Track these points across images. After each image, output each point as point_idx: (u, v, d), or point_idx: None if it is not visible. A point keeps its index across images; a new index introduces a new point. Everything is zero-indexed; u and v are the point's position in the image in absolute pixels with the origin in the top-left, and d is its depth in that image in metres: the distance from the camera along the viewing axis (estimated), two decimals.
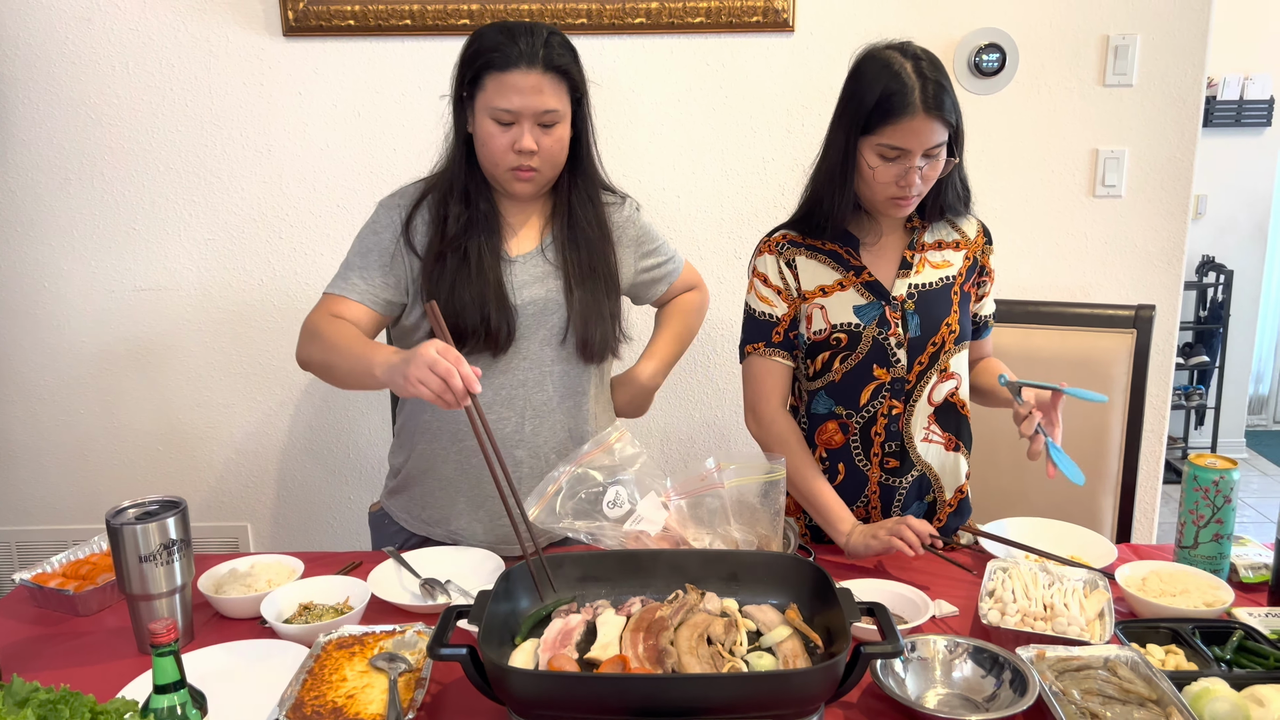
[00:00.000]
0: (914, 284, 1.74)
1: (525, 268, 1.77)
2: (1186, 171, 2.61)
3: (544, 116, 1.65)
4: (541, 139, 1.67)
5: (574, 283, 1.78)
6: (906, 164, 1.61)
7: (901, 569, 1.66)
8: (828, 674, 1.15)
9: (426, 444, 1.84)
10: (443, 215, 1.74)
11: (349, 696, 1.27)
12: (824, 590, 1.32)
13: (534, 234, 1.81)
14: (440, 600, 1.57)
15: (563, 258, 1.79)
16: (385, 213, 1.78)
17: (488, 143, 1.67)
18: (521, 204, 1.80)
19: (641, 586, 1.42)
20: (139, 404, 2.78)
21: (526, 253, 1.78)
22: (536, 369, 1.78)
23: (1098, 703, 1.23)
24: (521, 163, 1.68)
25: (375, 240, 1.76)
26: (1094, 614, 1.43)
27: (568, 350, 1.81)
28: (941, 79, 1.60)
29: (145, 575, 1.43)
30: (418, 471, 1.86)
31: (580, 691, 1.14)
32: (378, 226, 1.77)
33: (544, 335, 1.78)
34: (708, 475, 1.59)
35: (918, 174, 1.61)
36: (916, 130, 1.58)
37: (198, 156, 2.64)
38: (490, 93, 1.64)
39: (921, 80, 1.58)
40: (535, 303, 1.76)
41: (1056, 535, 1.75)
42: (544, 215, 1.82)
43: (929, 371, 1.74)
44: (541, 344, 1.78)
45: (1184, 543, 1.60)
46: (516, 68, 1.62)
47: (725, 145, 2.63)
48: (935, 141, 1.60)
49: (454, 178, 1.75)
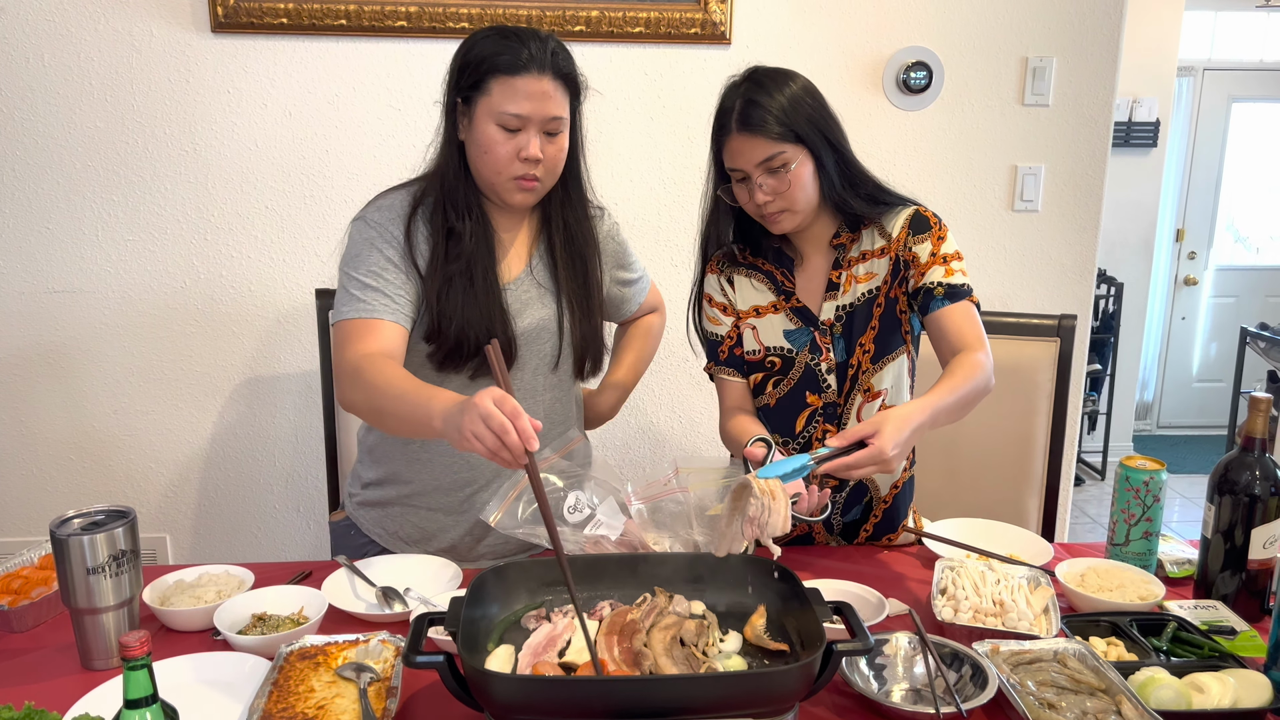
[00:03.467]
0: (841, 305, 1.73)
1: (518, 292, 1.73)
2: (1097, 188, 2.75)
3: (550, 124, 1.61)
4: (546, 147, 1.61)
5: (568, 304, 1.75)
6: (750, 184, 1.63)
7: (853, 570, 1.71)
8: (804, 673, 1.17)
9: (416, 472, 1.78)
10: (445, 227, 1.65)
11: (319, 707, 1.24)
12: (792, 590, 1.35)
13: (522, 254, 1.76)
14: (397, 609, 1.55)
15: (555, 278, 1.75)
16: (378, 228, 1.65)
17: (491, 149, 1.60)
18: (512, 219, 1.74)
19: (608, 591, 1.43)
20: (52, 410, 2.67)
21: (517, 276, 1.74)
22: (530, 397, 1.76)
23: (1052, 693, 1.29)
24: (526, 171, 1.61)
25: (382, 257, 1.64)
26: (1040, 609, 1.49)
27: (560, 375, 1.80)
28: (758, 95, 1.58)
29: (92, 588, 1.37)
30: (401, 493, 1.80)
31: (565, 695, 1.14)
32: (378, 242, 1.64)
33: (536, 363, 1.76)
34: (669, 480, 1.60)
35: (760, 191, 1.62)
36: (737, 150, 1.62)
37: (118, 154, 2.54)
38: (497, 97, 1.57)
39: (734, 99, 1.62)
40: (530, 330, 1.73)
41: (992, 535, 1.82)
42: (531, 232, 1.77)
43: (853, 394, 1.76)
44: (534, 371, 1.76)
45: (1116, 540, 1.69)
46: (527, 72, 1.57)
47: (663, 155, 2.66)
48: (762, 157, 1.59)
49: (451, 187, 1.66)
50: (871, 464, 1.40)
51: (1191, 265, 6.09)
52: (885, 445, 1.38)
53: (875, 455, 1.39)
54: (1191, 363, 6.25)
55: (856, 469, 1.41)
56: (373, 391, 1.51)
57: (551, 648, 1.30)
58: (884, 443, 1.38)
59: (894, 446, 1.38)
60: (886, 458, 1.38)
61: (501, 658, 1.29)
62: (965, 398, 1.53)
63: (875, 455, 1.39)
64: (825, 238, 1.74)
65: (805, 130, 1.60)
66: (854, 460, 1.40)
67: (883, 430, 1.39)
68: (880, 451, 1.38)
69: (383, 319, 1.61)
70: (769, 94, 1.59)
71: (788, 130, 1.59)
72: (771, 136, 1.58)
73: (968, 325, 1.64)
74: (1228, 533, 1.54)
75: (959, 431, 2.18)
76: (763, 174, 1.61)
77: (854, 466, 1.40)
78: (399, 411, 1.47)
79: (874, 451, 1.39)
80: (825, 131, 1.62)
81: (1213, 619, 1.49)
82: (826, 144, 1.62)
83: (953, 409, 1.52)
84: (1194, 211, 6.02)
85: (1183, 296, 6.13)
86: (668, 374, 2.77)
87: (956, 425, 2.10)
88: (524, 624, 1.38)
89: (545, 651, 1.29)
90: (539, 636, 1.33)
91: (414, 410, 1.43)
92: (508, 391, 1.30)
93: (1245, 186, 6.05)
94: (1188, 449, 5.94)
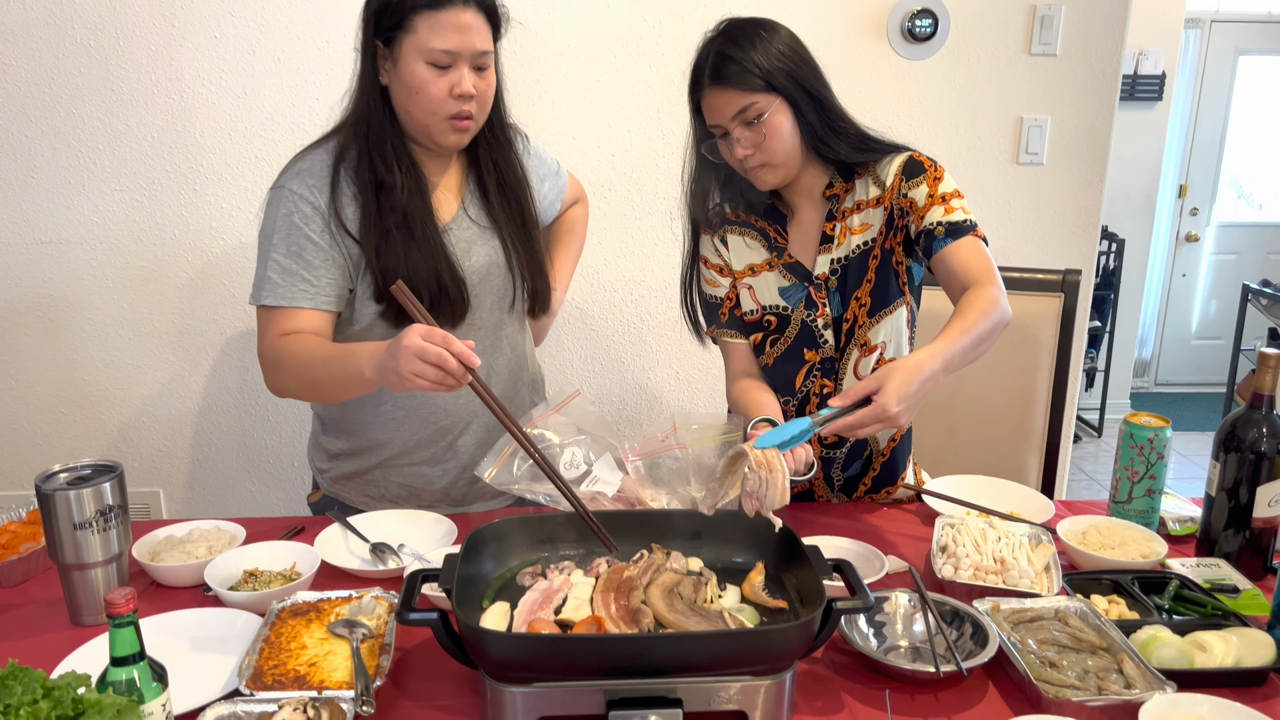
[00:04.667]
0: (836, 259, 1.69)
1: (459, 233, 1.69)
2: (1104, 141, 2.70)
3: (480, 58, 1.55)
4: (476, 83, 1.56)
5: (511, 240, 1.72)
6: (730, 138, 1.59)
7: (852, 527, 1.69)
8: (804, 630, 1.16)
9: (389, 431, 1.75)
10: (375, 182, 1.59)
11: (311, 664, 1.23)
12: (791, 548, 1.33)
13: (453, 194, 1.71)
14: (391, 565, 1.53)
15: (492, 215, 1.72)
16: (298, 200, 1.58)
17: (423, 89, 1.53)
18: (440, 163, 1.69)
19: (605, 547, 1.41)
20: (42, 364, 2.63)
21: (454, 216, 1.70)
22: (490, 336, 1.74)
23: (1053, 652, 1.28)
24: (460, 109, 1.56)
25: (302, 235, 1.57)
26: (1041, 567, 1.48)
27: (515, 312, 1.77)
28: (729, 48, 1.54)
29: (80, 544, 1.35)
30: (381, 457, 1.77)
31: (560, 652, 1.13)
32: (297, 218, 1.57)
33: (491, 301, 1.73)
34: (667, 436, 1.58)
35: (739, 145, 1.58)
36: (711, 104, 1.58)
37: (103, 103, 2.48)
38: (424, 34, 1.51)
39: (707, 53, 1.57)
40: (479, 270, 1.70)
41: (993, 492, 1.80)
42: (459, 172, 1.73)
43: (849, 348, 1.73)
44: (491, 309, 1.74)
45: (1118, 497, 1.67)
46: (453, 5, 1.51)
47: (661, 106, 2.60)
48: (736, 109, 1.54)
49: (376, 137, 1.59)
50: (876, 422, 1.35)
51: (1193, 221, 6.04)
52: (889, 401, 1.33)
53: (879, 412, 1.34)
54: (1191, 320, 6.22)
55: (860, 428, 1.36)
56: (296, 367, 1.52)
57: (547, 604, 1.28)
58: (888, 399, 1.33)
59: (899, 402, 1.34)
60: (891, 414, 1.34)
61: (496, 615, 1.27)
62: (980, 336, 1.45)
63: (879, 412, 1.34)
64: (817, 189, 1.69)
65: (780, 80, 1.55)
66: (857, 419, 1.35)
67: (886, 385, 1.35)
68: (884, 408, 1.34)
69: (301, 307, 1.58)
70: (739, 46, 1.54)
71: (760, 80, 1.54)
72: (744, 88, 1.54)
73: (975, 259, 1.57)
74: (1232, 490, 1.52)
75: (959, 388, 2.16)
76: (739, 127, 1.56)
77: (858, 426, 1.36)
78: (329, 376, 1.48)
79: (877, 409, 1.34)
80: (802, 80, 1.57)
81: (1215, 577, 1.47)
82: (804, 92, 1.57)
83: (967, 350, 1.44)
84: (1197, 167, 5.95)
85: (1184, 253, 6.09)
86: (665, 331, 2.74)
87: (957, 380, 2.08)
88: (519, 581, 1.36)
89: (541, 609, 1.27)
90: (534, 593, 1.31)
91: (343, 370, 1.44)
92: (428, 323, 1.33)
93: (1250, 142, 5.98)
94: (1185, 406, 5.93)
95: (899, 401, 1.34)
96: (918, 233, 1.63)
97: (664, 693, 1.12)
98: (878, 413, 1.34)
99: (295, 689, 1.17)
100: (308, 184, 1.59)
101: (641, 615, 1.24)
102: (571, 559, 1.40)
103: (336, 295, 1.61)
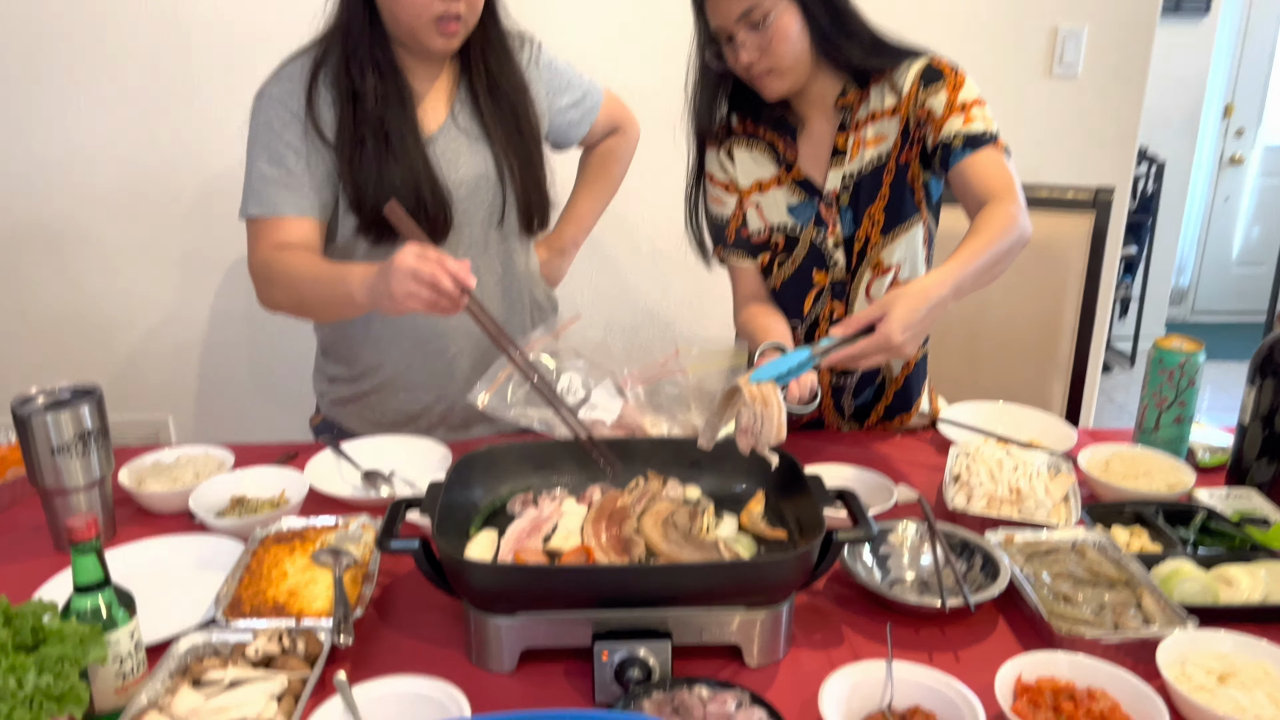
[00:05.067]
0: (848, 173, 1.58)
1: (445, 143, 1.61)
2: (1144, 54, 2.55)
3: None
4: None
5: (504, 151, 1.63)
6: (734, 43, 1.48)
7: (863, 455, 1.63)
8: (801, 562, 1.10)
9: (383, 354, 1.70)
10: (350, 90, 1.52)
11: (290, 593, 1.19)
12: (792, 477, 1.27)
13: (441, 103, 1.63)
14: (384, 492, 1.48)
15: (484, 124, 1.63)
16: (277, 106, 1.53)
17: None
18: (428, 68, 1.60)
19: (600, 475, 1.35)
20: (47, 288, 2.60)
21: (441, 125, 1.61)
22: (480, 253, 1.66)
23: (1068, 585, 1.21)
24: (447, 9, 1.46)
25: (281, 141, 1.52)
26: (1059, 498, 1.41)
27: (507, 228, 1.69)
28: None
29: (59, 468, 1.32)
30: (376, 381, 1.73)
31: (545, 583, 1.08)
32: (276, 124, 1.52)
33: (482, 216, 1.66)
34: (667, 361, 1.51)
35: (744, 50, 1.47)
36: (715, 6, 1.47)
37: (99, 20, 2.40)
38: None
39: None
40: (467, 182, 1.62)
41: (1013, 419, 1.72)
42: (450, 78, 1.63)
43: (861, 269, 1.64)
44: (481, 225, 1.66)
45: (1145, 426, 1.58)
46: None
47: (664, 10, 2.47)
48: (740, 10, 1.44)
49: (355, 40, 1.51)
50: (879, 352, 1.26)
51: (1239, 143, 5.78)
52: (892, 330, 1.24)
53: (882, 342, 1.25)
54: (1232, 246, 6.00)
55: (863, 358, 1.27)
56: (287, 285, 1.47)
57: (536, 533, 1.23)
58: (891, 327, 1.24)
59: (903, 330, 1.24)
60: (895, 344, 1.24)
61: (483, 543, 1.22)
62: (994, 257, 1.35)
63: (882, 342, 1.25)
64: (829, 99, 1.58)
65: None
66: (859, 350, 1.26)
67: (891, 312, 1.25)
68: (887, 337, 1.24)
69: (286, 215, 1.52)
70: None
71: None
72: None
73: (993, 172, 1.46)
74: (1268, 417, 1.44)
75: (981, 311, 2.07)
76: (744, 30, 1.46)
77: (860, 356, 1.26)
78: (318, 296, 1.43)
79: (880, 338, 1.25)
80: None
81: (1245, 508, 1.39)
82: None
83: (981, 273, 1.35)
84: (1244, 86, 5.68)
85: (1227, 176, 5.85)
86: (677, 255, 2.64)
87: (978, 304, 2.00)
88: (510, 509, 1.31)
89: (529, 537, 1.23)
90: (523, 521, 1.26)
91: (332, 291, 1.39)
92: (422, 242, 1.28)
93: None
94: (1224, 336, 5.75)
95: (904, 330, 1.25)
96: (935, 144, 1.52)
97: (654, 624, 1.07)
98: (881, 342, 1.25)
99: (273, 618, 1.13)
100: (286, 89, 1.54)
101: (633, 545, 1.19)
102: (565, 486, 1.35)
103: (321, 202, 1.55)
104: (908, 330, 1.25)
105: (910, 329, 1.25)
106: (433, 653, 1.14)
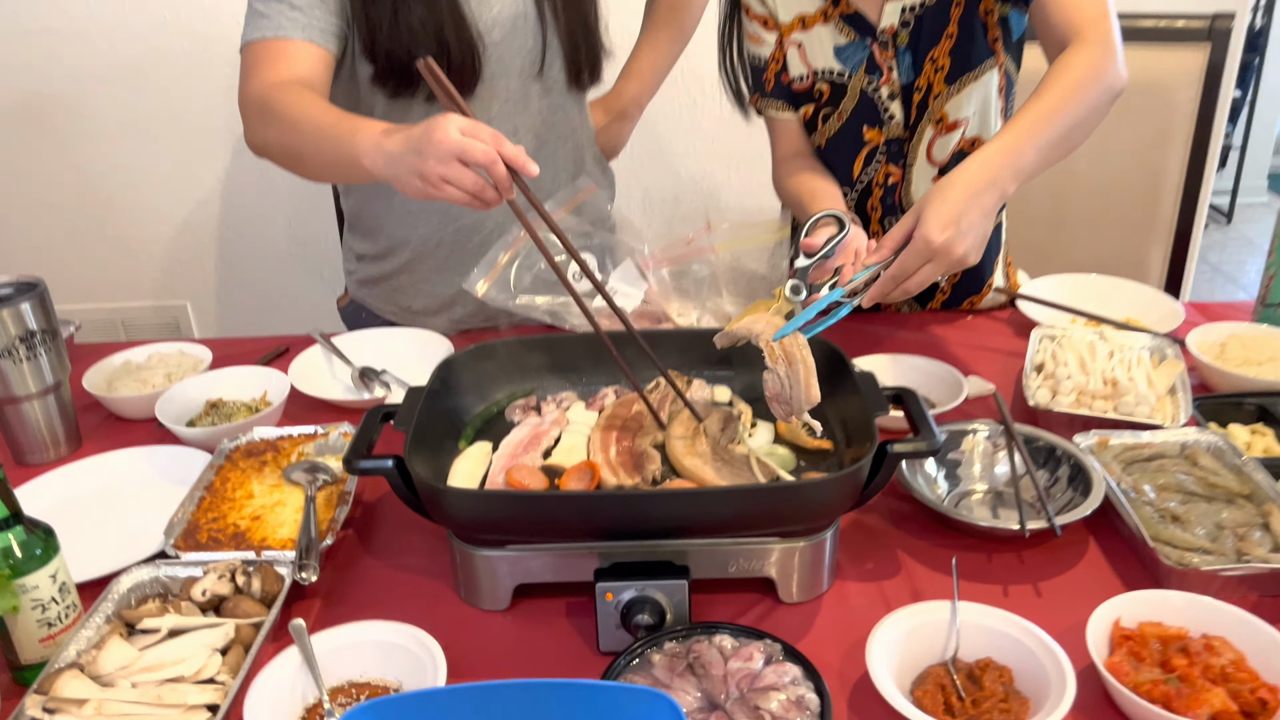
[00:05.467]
0: (908, 6, 1.31)
1: None
2: None
3: None
4: None
5: None
6: None
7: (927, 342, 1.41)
8: (847, 483, 0.91)
9: (409, 229, 1.51)
10: None
11: (254, 518, 1.04)
12: (839, 374, 1.06)
13: None
14: (377, 394, 1.32)
15: None
16: None
17: None
18: None
19: (616, 375, 1.16)
20: (46, 169, 2.44)
21: None
22: (518, 109, 1.43)
23: (1176, 501, 1.01)
24: None
25: None
26: (1164, 390, 1.18)
27: (550, 80, 1.45)
28: None
29: (6, 375, 1.17)
30: (402, 260, 1.55)
31: (535, 513, 0.90)
32: None
33: (519, 65, 1.41)
34: (695, 238, 1.29)
35: None
36: None
37: None
38: None
39: None
40: (502, 24, 1.38)
41: (1106, 294, 1.50)
42: None
43: (921, 124, 1.38)
44: (518, 76, 1.42)
45: (1270, 300, 1.35)
46: None
47: None
48: None
49: None
50: (923, 261, 1.02)
51: None
52: (930, 231, 1.00)
53: (921, 248, 1.01)
54: None
55: (906, 278, 1.04)
56: (284, 127, 1.20)
57: (535, 446, 1.06)
58: (928, 229, 1.00)
59: (942, 229, 1.00)
60: (937, 245, 1.00)
61: (474, 458, 1.05)
62: (1071, 122, 1.10)
63: (921, 248, 1.01)
64: None
65: None
66: (899, 268, 1.03)
67: (924, 213, 1.01)
68: (926, 241, 1.00)
69: (291, 38, 1.27)
70: None
71: None
72: None
73: (1080, 3, 1.18)
74: None
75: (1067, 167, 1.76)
76: None
77: (902, 276, 1.03)
78: (318, 150, 1.16)
79: (919, 244, 1.01)
80: None
81: None
82: None
83: (1054, 144, 1.10)
84: None
85: None
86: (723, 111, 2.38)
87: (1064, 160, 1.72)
88: (508, 416, 1.13)
89: (527, 451, 1.05)
90: (522, 431, 1.09)
91: (335, 149, 1.11)
92: (464, 114, 0.99)
93: None
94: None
95: (943, 228, 1.01)
96: None
97: (670, 558, 0.90)
98: (921, 249, 1.01)
99: (231, 549, 0.99)
100: None
101: (647, 461, 1.01)
102: (573, 389, 1.16)
103: (333, 32, 1.31)
104: (948, 228, 1.01)
105: (952, 224, 1.01)
106: (420, 586, 0.99)
